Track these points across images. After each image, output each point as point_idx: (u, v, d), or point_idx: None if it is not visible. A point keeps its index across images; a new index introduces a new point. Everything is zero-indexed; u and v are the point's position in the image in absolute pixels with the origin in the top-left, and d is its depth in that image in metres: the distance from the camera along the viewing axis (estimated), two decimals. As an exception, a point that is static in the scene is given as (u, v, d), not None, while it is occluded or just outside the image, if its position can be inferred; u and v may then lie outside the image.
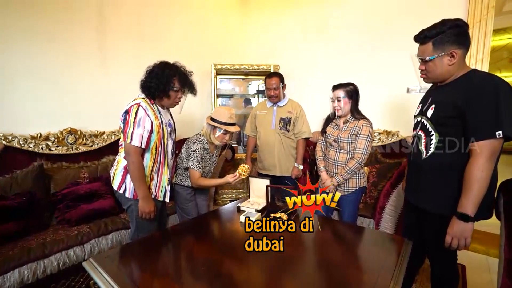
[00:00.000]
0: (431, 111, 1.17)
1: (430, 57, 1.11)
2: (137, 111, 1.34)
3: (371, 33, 2.65)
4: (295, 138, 2.16)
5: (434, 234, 1.21)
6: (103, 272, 1.07)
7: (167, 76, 1.41)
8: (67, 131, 2.17)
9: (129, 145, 1.32)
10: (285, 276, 1.01)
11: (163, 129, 1.44)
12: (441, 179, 1.14)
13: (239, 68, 3.00)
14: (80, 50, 2.23)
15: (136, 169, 1.35)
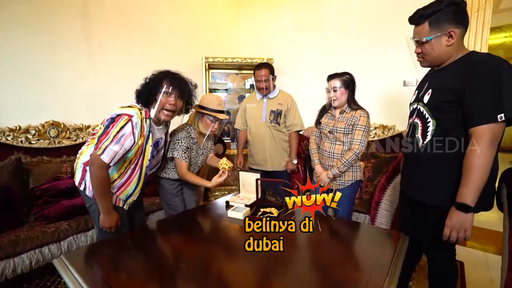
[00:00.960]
0: (427, 96, 1.10)
1: (427, 38, 1.03)
2: (124, 125, 1.16)
3: (365, 26, 2.58)
4: (287, 131, 2.08)
5: (431, 228, 1.13)
6: (74, 270, 0.98)
7: (157, 76, 1.30)
8: (49, 124, 2.07)
9: (97, 157, 1.15)
10: (276, 275, 0.93)
11: (145, 149, 1.28)
12: (439, 168, 1.07)
13: (231, 62, 2.92)
14: (64, 39, 2.14)
15: (99, 184, 1.20)
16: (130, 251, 1.11)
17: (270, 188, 2.06)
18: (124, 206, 1.36)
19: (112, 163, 1.18)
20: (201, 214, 1.60)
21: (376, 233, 1.32)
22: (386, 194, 1.79)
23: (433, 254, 1.21)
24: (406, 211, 1.34)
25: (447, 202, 1.02)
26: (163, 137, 1.44)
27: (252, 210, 1.52)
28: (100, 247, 1.18)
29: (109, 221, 1.25)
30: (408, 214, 1.31)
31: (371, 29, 2.56)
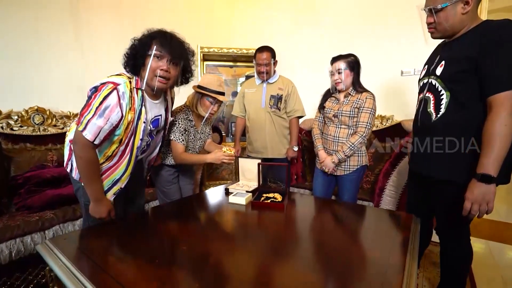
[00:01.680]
0: (440, 68, 1.06)
1: (443, 5, 0.99)
2: (108, 95, 0.98)
3: (362, 16, 2.57)
4: (287, 117, 2.01)
5: (447, 205, 1.09)
6: (61, 255, 0.87)
7: (146, 37, 1.07)
8: (33, 110, 1.93)
9: (79, 134, 0.98)
10: (281, 262, 0.83)
11: (137, 126, 1.09)
12: (455, 141, 1.02)
13: (227, 52, 2.85)
14: (51, 21, 2.02)
15: (85, 167, 1.03)
16: (124, 236, 1.00)
17: (271, 175, 1.99)
18: (108, 196, 1.14)
19: (97, 141, 1.00)
20: (200, 201, 1.51)
21: (387, 216, 1.27)
22: (391, 180, 1.75)
23: (447, 234, 1.16)
24: (416, 191, 1.29)
25: (464, 176, 0.98)
26: (162, 114, 1.25)
27: (254, 196, 1.45)
28: (90, 232, 1.07)
29: (98, 211, 1.09)
30: (419, 195, 1.27)
31: (368, 20, 2.55)
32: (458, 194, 1.00)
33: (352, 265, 0.81)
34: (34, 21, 1.94)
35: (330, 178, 1.72)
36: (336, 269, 0.79)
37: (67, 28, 2.10)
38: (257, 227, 1.18)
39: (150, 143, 1.28)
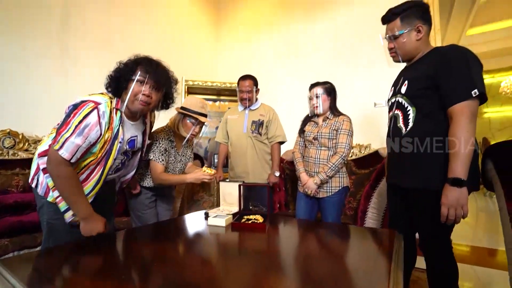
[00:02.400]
0: (404, 87, 1.18)
1: (400, 32, 1.15)
2: (89, 113, 0.97)
3: (337, 51, 2.83)
4: (269, 143, 2.05)
5: (425, 215, 1.11)
6: (11, 277, 0.76)
7: (131, 62, 1.12)
8: (4, 133, 1.84)
9: (55, 153, 0.95)
10: (265, 284, 0.73)
11: (113, 145, 1.08)
12: (426, 150, 1.09)
13: (211, 85, 2.97)
14: (37, 45, 2.05)
15: (66, 183, 0.99)
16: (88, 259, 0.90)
17: (252, 199, 1.93)
18: (69, 213, 1.05)
19: (73, 159, 0.98)
20: (177, 224, 1.42)
21: (369, 233, 1.25)
22: (372, 202, 1.75)
23: (430, 248, 1.15)
24: (396, 206, 1.31)
25: (438, 183, 1.02)
26: (139, 136, 1.25)
27: (235, 218, 1.39)
28: (50, 253, 0.96)
29: (93, 227, 1.01)
30: (399, 209, 1.28)
31: (343, 54, 2.80)
32: (434, 202, 1.03)
33: (337, 280, 0.76)
34: (21, 49, 1.97)
35: (312, 201, 1.70)
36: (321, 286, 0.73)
37: (53, 54, 2.14)
38: (237, 249, 1.11)
39: (125, 162, 1.25)
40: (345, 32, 2.81)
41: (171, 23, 3.07)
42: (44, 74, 2.08)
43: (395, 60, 1.26)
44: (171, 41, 3.03)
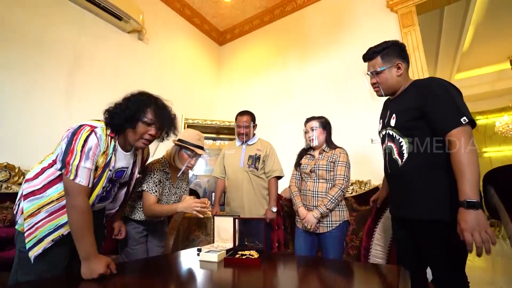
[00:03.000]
0: (393, 120, 1.22)
1: (381, 68, 1.24)
2: (88, 137, 1.00)
3: (331, 90, 2.96)
4: (266, 177, 2.02)
5: (437, 248, 1.05)
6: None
7: (140, 102, 1.14)
8: (1, 166, 1.84)
9: (71, 183, 0.96)
10: None
11: (104, 173, 1.08)
12: (426, 181, 1.08)
13: (210, 124, 3.05)
14: (46, 81, 2.16)
15: (80, 216, 0.97)
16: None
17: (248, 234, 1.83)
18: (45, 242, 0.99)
19: (90, 184, 1.00)
20: (167, 260, 1.32)
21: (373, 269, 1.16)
22: (375, 238, 1.66)
23: (445, 283, 1.05)
24: (404, 240, 1.24)
25: (448, 212, 1.00)
26: (129, 167, 1.24)
27: (228, 253, 1.30)
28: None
29: (94, 268, 0.93)
30: (407, 244, 1.21)
31: (336, 93, 2.92)
32: (444, 233, 0.99)
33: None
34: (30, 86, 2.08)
35: (312, 237, 1.62)
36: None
37: (59, 90, 2.24)
38: (229, 286, 1.02)
39: (111, 191, 1.21)
40: (337, 72, 2.98)
41: (175, 65, 3.30)
42: (48, 109, 2.16)
43: (378, 94, 1.32)
44: (174, 81, 3.22)
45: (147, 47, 2.99)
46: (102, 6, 2.48)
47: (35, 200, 1.01)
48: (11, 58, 2.01)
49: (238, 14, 3.68)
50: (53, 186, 1.03)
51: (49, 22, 2.24)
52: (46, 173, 1.04)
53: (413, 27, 2.54)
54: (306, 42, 3.30)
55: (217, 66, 4.01)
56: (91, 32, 2.51)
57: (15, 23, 2.05)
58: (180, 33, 3.46)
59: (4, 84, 1.96)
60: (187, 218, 2.74)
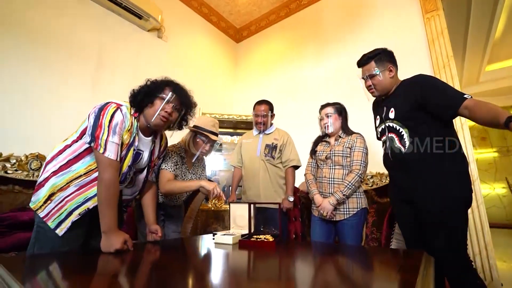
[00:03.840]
0: (392, 113, 1.32)
1: (376, 71, 1.35)
2: (115, 113, 1.04)
3: (349, 84, 2.88)
4: (283, 167, 2.00)
5: (446, 229, 1.11)
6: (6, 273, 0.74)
7: (159, 82, 1.21)
8: (33, 156, 1.97)
9: (101, 156, 1.00)
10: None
11: (129, 151, 1.11)
12: (429, 164, 1.17)
13: (227, 118, 3.08)
14: (73, 78, 2.29)
15: (107, 189, 1.00)
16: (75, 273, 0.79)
17: (264, 221, 1.82)
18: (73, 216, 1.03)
19: (118, 158, 1.03)
20: (182, 243, 1.35)
21: (391, 254, 1.10)
22: (396, 227, 1.58)
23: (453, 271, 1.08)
24: (408, 223, 1.30)
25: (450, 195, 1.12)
26: (146, 152, 1.25)
27: (243, 237, 1.30)
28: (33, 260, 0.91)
29: (112, 243, 0.97)
30: (411, 225, 1.27)
31: (354, 86, 2.83)
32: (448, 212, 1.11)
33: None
34: (60, 82, 2.22)
35: (329, 226, 1.57)
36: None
37: (86, 87, 2.37)
38: (243, 267, 1.00)
39: (127, 176, 1.21)
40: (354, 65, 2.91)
41: (192, 62, 3.38)
42: (75, 103, 2.28)
43: (374, 95, 1.43)
44: (192, 78, 3.29)
45: (166, 44, 3.08)
46: (124, 5, 2.59)
47: (63, 174, 1.06)
48: (42, 57, 2.15)
49: (254, 10, 3.70)
50: (79, 161, 1.07)
51: (75, 22, 2.38)
52: (70, 149, 1.09)
53: (437, 12, 2.41)
54: (323, 36, 3.25)
55: (234, 63, 4.05)
56: (113, 31, 2.63)
57: (45, 25, 2.20)
58: (198, 31, 3.54)
59: (36, 81, 2.10)
60: (205, 211, 2.78)
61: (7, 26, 2.01)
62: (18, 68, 2.03)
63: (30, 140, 2.02)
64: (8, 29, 2.02)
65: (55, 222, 1.04)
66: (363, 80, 1.42)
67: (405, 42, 2.57)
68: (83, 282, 0.69)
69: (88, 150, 1.08)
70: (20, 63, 2.05)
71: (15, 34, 2.04)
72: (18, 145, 1.95)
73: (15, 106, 1.99)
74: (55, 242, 1.04)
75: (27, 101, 2.05)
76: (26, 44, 2.08)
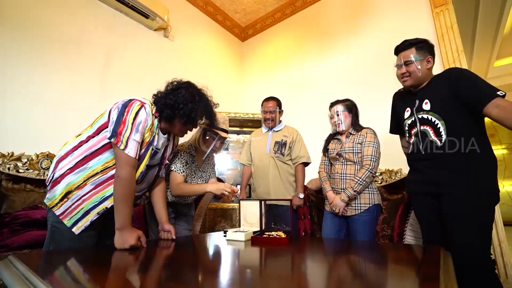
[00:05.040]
0: (427, 105, 1.28)
1: (416, 58, 1.29)
2: (139, 110, 1.03)
3: (357, 81, 2.86)
4: (292, 164, 1.98)
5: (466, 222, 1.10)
6: (25, 268, 0.74)
7: (197, 102, 1.18)
8: (44, 155, 1.99)
9: (121, 153, 0.99)
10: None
11: (148, 150, 1.10)
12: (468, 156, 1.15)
13: (234, 117, 3.08)
14: (82, 80, 2.31)
15: (123, 186, 0.99)
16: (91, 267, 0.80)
17: (275, 219, 1.81)
18: (91, 215, 1.04)
19: (137, 157, 1.03)
20: (193, 240, 1.34)
21: (407, 250, 1.08)
22: (409, 224, 1.56)
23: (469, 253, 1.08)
24: (428, 216, 1.28)
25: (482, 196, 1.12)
26: (161, 150, 1.25)
27: (255, 234, 1.29)
28: (50, 256, 0.93)
29: (126, 239, 0.97)
30: (431, 218, 1.26)
31: (361, 82, 2.82)
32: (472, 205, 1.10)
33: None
34: (69, 84, 2.23)
35: (341, 221, 1.56)
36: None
37: (94, 86, 2.39)
38: (258, 263, 0.99)
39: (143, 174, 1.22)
40: (362, 61, 2.89)
41: (198, 61, 3.38)
42: (84, 103, 2.30)
43: (406, 84, 1.36)
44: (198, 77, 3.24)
45: (172, 43, 3.09)
46: (131, 5, 2.60)
47: (80, 172, 1.04)
48: (51, 57, 2.17)
49: (259, 8, 3.69)
50: (96, 157, 1.06)
51: (84, 23, 2.40)
52: (86, 145, 1.07)
53: (446, 6, 2.38)
54: (329, 32, 3.23)
55: (240, 62, 4.05)
56: (120, 31, 2.65)
57: (54, 25, 2.22)
58: (203, 30, 3.54)
59: (45, 81, 2.12)
60: (213, 209, 2.77)
61: (13, 25, 2.03)
62: (28, 68, 2.05)
63: (40, 139, 2.04)
64: (18, 30, 2.04)
65: (71, 220, 1.04)
66: (395, 69, 1.37)
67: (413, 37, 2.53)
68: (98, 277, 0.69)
69: (105, 146, 1.07)
70: (29, 64, 2.07)
71: (24, 34, 2.06)
72: (29, 145, 1.97)
73: (25, 106, 2.01)
74: (71, 242, 1.03)
75: (37, 101, 2.07)
76: (35, 45, 2.10)
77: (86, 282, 0.66)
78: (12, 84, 1.97)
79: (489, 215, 1.12)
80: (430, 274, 0.73)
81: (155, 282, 0.67)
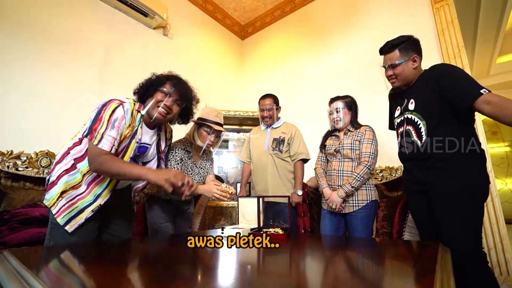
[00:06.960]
0: (412, 105, 1.27)
1: (399, 61, 1.28)
2: (116, 108, 1.06)
3: (356, 78, 2.84)
4: (291, 160, 1.97)
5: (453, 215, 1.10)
6: (18, 264, 0.74)
7: (161, 76, 1.23)
8: (43, 153, 2.00)
9: (94, 147, 1.00)
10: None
11: (129, 144, 1.12)
12: (450, 154, 1.14)
13: (233, 114, 3.07)
14: (82, 77, 2.31)
15: (113, 165, 1.01)
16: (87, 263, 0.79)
17: (274, 216, 1.80)
18: (86, 212, 1.06)
19: (113, 151, 1.04)
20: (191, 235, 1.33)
21: (405, 246, 1.07)
22: (409, 220, 1.55)
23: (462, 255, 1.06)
24: (421, 210, 1.28)
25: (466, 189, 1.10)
26: (152, 146, 1.26)
27: (253, 230, 1.29)
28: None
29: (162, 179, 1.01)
30: (424, 213, 1.26)
31: (361, 79, 2.80)
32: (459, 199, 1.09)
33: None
34: (68, 80, 2.24)
35: (338, 218, 1.55)
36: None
37: (93, 85, 2.39)
38: (255, 260, 0.98)
39: None
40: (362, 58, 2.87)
41: (198, 59, 3.38)
42: (83, 102, 2.30)
43: (394, 85, 1.35)
44: (197, 76, 3.28)
45: (171, 42, 3.09)
46: (130, 3, 2.60)
47: (75, 174, 1.09)
48: (50, 56, 2.18)
49: (259, 6, 3.68)
50: (83, 160, 1.09)
51: (83, 21, 2.40)
52: (79, 147, 1.10)
53: (447, 1, 2.36)
54: (328, 29, 3.22)
55: (240, 60, 4.04)
56: (119, 29, 2.65)
57: (54, 24, 2.22)
58: (203, 28, 3.54)
59: (44, 79, 2.13)
60: (213, 207, 2.77)
61: (12, 23, 2.03)
62: (27, 67, 2.05)
63: (40, 137, 2.04)
64: (17, 28, 2.04)
65: (64, 219, 1.06)
66: (383, 69, 1.36)
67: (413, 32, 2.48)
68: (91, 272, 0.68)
69: None
70: (28, 62, 2.07)
71: (23, 32, 2.07)
72: (29, 143, 1.97)
73: (24, 104, 2.01)
74: (70, 238, 1.06)
75: (36, 99, 2.08)
76: (34, 43, 2.11)
77: (79, 277, 0.66)
78: (12, 82, 1.97)
79: (475, 208, 1.10)
80: (426, 269, 0.72)
81: (149, 278, 0.67)
